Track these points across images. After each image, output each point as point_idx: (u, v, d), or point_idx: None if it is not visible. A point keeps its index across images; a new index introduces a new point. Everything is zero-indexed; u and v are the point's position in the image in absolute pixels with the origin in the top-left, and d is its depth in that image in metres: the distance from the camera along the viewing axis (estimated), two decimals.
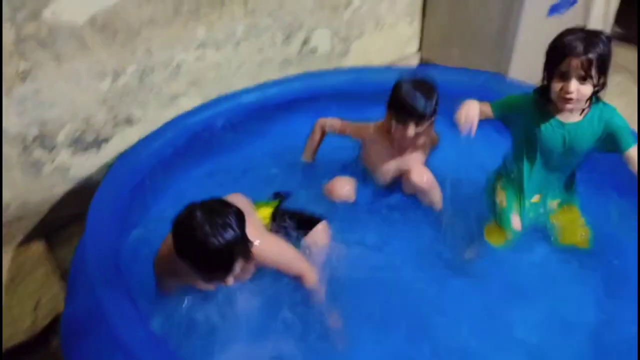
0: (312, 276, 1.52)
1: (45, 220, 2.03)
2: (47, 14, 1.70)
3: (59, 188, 2.03)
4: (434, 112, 1.74)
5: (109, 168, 2.09)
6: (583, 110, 1.51)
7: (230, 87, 2.31)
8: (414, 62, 2.99)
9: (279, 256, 1.49)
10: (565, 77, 1.40)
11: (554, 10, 2.53)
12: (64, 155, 1.98)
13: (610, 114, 1.51)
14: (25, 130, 1.84)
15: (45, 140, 1.90)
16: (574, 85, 1.39)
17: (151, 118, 2.13)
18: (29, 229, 2.00)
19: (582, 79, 1.39)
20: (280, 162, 2.13)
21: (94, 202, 1.70)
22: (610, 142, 1.52)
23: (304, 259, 1.54)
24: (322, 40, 2.52)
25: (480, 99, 2.17)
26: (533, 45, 2.55)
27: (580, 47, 1.36)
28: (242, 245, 1.28)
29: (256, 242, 1.36)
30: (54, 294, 1.79)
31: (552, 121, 1.53)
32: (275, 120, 2.30)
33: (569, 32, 1.41)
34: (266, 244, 1.44)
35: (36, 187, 1.96)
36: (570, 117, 1.52)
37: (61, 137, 1.94)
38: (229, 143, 2.20)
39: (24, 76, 1.75)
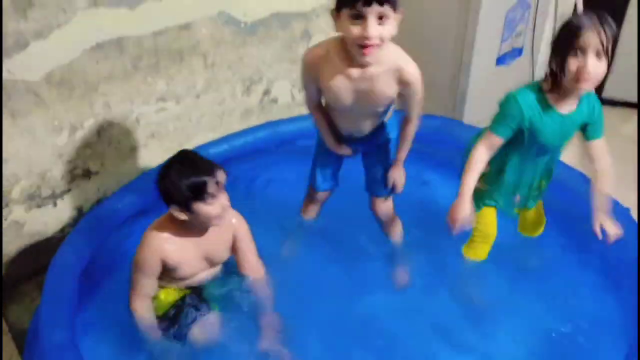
0: (262, 272, 1.68)
1: None
2: (2, 72, 1.71)
3: (13, 245, 1.98)
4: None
5: (66, 224, 2.07)
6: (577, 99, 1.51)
7: (191, 138, 2.33)
8: None
9: (250, 236, 1.65)
10: (582, 52, 1.39)
11: (501, 61, 2.68)
12: (18, 211, 1.94)
13: (594, 101, 1.55)
14: None
15: None
16: (591, 60, 1.37)
17: (110, 171, 2.12)
18: None
19: (598, 56, 1.39)
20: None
21: (51, 269, 1.63)
22: (583, 128, 1.57)
23: None
24: (282, 90, 2.59)
25: (438, 141, 2.29)
26: (484, 92, 2.70)
27: (595, 21, 1.38)
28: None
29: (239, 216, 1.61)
30: (8, 356, 1.71)
31: (552, 114, 1.50)
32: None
33: (578, 14, 1.43)
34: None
35: None
36: (568, 107, 1.52)
37: (15, 193, 1.91)
38: None
39: None
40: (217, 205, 1.46)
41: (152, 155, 2.23)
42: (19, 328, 1.83)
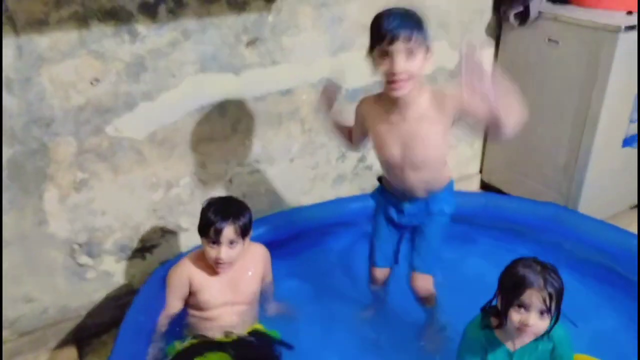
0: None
1: (81, 326, 2.00)
2: (109, 129, 1.78)
3: (99, 294, 2.02)
4: (420, 27, 1.38)
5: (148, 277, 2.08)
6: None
7: (281, 201, 2.29)
8: (474, 183, 2.88)
9: (270, 265, 1.80)
10: (525, 309, 1.35)
11: (628, 142, 2.38)
12: (108, 262, 1.98)
13: (558, 338, 1.43)
14: (74, 236, 1.86)
15: (92, 247, 1.92)
16: (533, 318, 1.34)
17: None
18: (64, 334, 1.97)
19: (541, 313, 1.34)
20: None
21: (122, 326, 1.62)
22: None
23: None
24: None
25: (547, 231, 2.06)
26: (606, 177, 2.41)
27: (540, 281, 1.32)
28: (249, 220, 1.64)
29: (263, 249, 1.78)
30: None
31: (499, 350, 1.44)
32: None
33: (523, 263, 1.37)
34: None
35: (77, 292, 1.96)
36: (518, 342, 1.43)
37: (108, 245, 1.96)
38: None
39: (79, 186, 1.80)
40: (215, 251, 1.59)
41: None
42: None
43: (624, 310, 1.83)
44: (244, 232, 1.62)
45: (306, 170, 2.32)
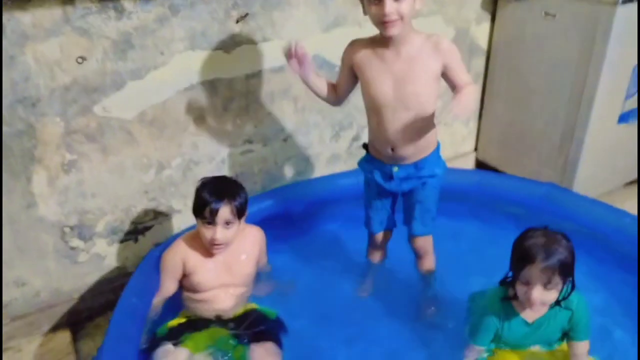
0: None
1: (74, 310, 1.98)
2: (97, 109, 1.74)
3: (92, 277, 1.99)
4: None
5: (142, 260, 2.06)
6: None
7: (275, 180, 2.27)
8: (469, 161, 2.86)
9: (265, 246, 1.78)
10: (529, 284, 1.36)
11: (624, 118, 2.36)
12: (100, 245, 1.96)
13: (576, 305, 1.44)
14: (65, 219, 1.83)
15: (83, 230, 1.89)
16: (537, 292, 1.34)
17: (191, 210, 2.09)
18: (57, 317, 1.95)
19: (546, 286, 1.34)
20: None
21: (118, 307, 1.60)
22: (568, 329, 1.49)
23: None
24: None
25: (541, 210, 2.04)
26: (601, 154, 2.39)
27: (540, 255, 1.32)
28: (245, 200, 1.62)
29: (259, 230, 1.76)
30: None
31: (517, 321, 1.47)
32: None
33: (529, 235, 1.37)
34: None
35: (69, 275, 1.93)
36: (534, 314, 1.45)
37: (100, 227, 1.93)
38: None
39: (68, 168, 1.77)
40: (210, 232, 1.57)
41: None
42: None
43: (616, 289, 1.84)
44: (239, 213, 1.60)
45: (300, 149, 2.29)
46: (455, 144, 2.79)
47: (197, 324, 1.61)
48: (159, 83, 1.82)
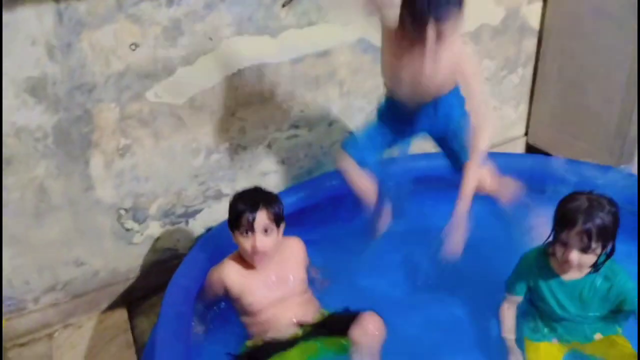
0: None
1: (130, 289, 2.06)
2: (150, 95, 1.80)
3: (147, 258, 2.07)
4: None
5: (194, 242, 2.12)
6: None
7: (320, 165, 2.28)
8: (519, 146, 2.78)
9: (306, 253, 1.72)
10: (566, 245, 1.36)
11: None
12: (154, 227, 2.03)
13: (616, 275, 1.42)
14: (120, 202, 1.91)
15: (137, 212, 1.96)
16: (574, 254, 1.35)
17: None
18: (115, 296, 2.04)
19: (583, 250, 1.34)
20: None
21: (170, 287, 1.66)
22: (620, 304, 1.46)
23: None
24: None
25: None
26: None
27: (580, 219, 1.31)
28: (280, 208, 1.58)
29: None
30: None
31: (554, 280, 1.48)
32: None
33: (573, 198, 1.36)
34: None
35: (125, 256, 2.01)
36: (572, 274, 1.46)
37: (153, 210, 1.99)
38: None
39: (123, 152, 1.83)
40: (250, 241, 1.53)
41: (282, 180, 2.21)
42: (144, 341, 1.89)
43: None
44: (277, 219, 1.56)
45: (345, 134, 2.29)
46: (505, 128, 2.71)
47: (283, 343, 1.55)
48: (207, 69, 1.86)
